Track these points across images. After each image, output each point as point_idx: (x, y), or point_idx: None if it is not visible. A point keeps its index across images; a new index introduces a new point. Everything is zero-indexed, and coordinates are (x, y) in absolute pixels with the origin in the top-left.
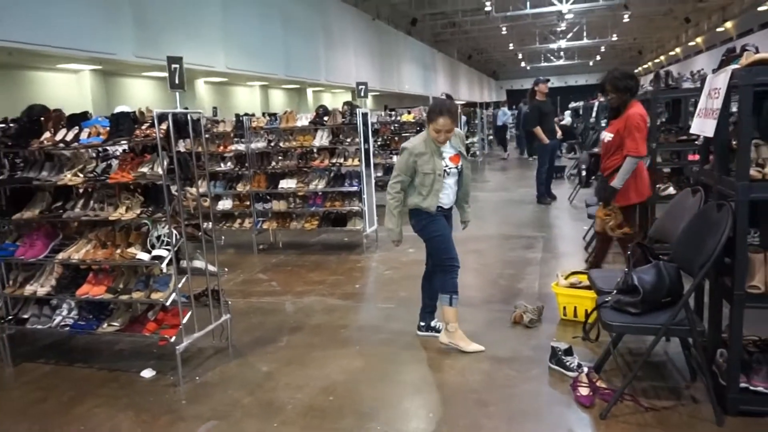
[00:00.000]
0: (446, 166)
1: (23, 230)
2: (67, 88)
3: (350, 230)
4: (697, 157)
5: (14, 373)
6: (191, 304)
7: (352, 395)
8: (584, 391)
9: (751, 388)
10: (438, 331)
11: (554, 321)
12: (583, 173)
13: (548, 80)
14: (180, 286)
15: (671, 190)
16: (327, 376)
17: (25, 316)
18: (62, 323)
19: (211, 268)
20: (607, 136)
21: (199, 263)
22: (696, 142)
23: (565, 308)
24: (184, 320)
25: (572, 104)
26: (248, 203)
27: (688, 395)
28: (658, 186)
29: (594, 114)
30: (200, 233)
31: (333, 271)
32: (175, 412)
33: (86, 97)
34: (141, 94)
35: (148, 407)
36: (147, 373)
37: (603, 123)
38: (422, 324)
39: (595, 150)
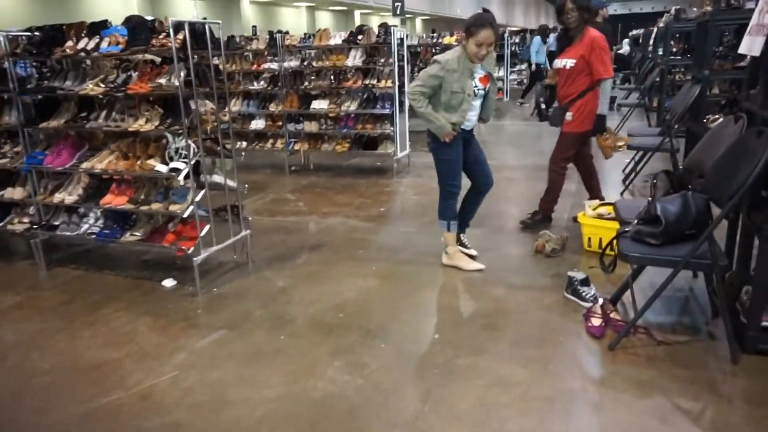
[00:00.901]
0: (475, 86)
1: (52, 140)
2: (115, 4)
3: (381, 154)
4: None
5: (47, 276)
6: (210, 218)
7: (361, 313)
8: (596, 321)
9: None
10: (465, 246)
11: (577, 252)
12: (542, 106)
13: (605, 4)
14: (198, 199)
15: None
16: (340, 293)
17: (56, 223)
18: (89, 231)
19: (230, 183)
20: (568, 62)
21: (218, 178)
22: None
23: (590, 239)
24: (202, 233)
25: (633, 32)
26: (280, 123)
27: (706, 332)
28: (707, 117)
29: (651, 41)
30: (219, 147)
31: (360, 194)
32: (189, 319)
33: (132, 12)
34: (185, 11)
35: (166, 314)
36: (168, 283)
37: (660, 51)
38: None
39: (546, 81)
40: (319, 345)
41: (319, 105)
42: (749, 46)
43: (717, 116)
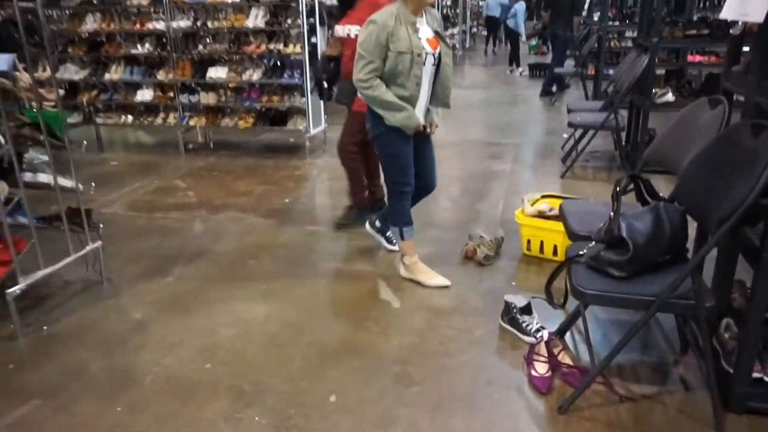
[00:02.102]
0: (423, 50)
1: None
2: None
3: (292, 131)
4: (698, 57)
5: None
6: (32, 232)
7: (236, 362)
8: (541, 368)
9: (767, 379)
10: (389, 241)
11: (515, 256)
12: (324, 84)
13: None
14: (10, 208)
15: (669, 97)
16: (213, 329)
17: None
18: None
19: (64, 182)
20: (352, 30)
21: (44, 177)
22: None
23: (529, 242)
24: (22, 254)
25: None
26: (172, 95)
27: (677, 376)
28: (654, 91)
29: (586, 6)
30: (43, 136)
31: (265, 180)
32: None
33: None
34: None
35: None
36: None
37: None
38: (377, 222)
39: (327, 52)
40: (167, 423)
41: (217, 73)
42: (739, 9)
43: (665, 90)
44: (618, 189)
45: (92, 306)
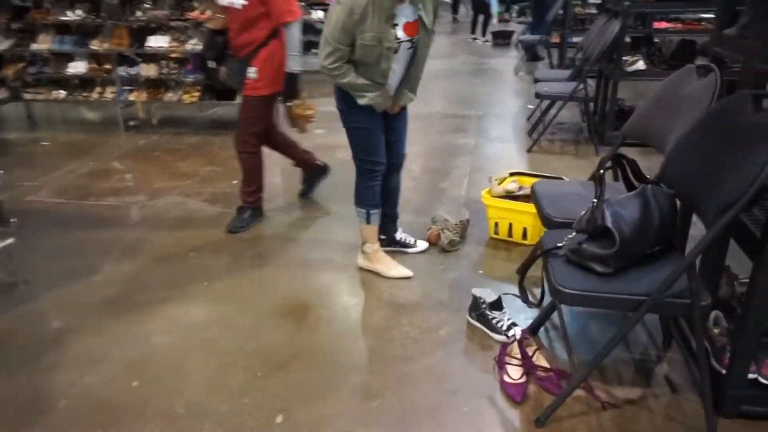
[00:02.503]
0: (397, 39)
1: None
2: None
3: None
4: (663, 24)
5: None
6: None
7: (169, 378)
8: (514, 373)
9: (762, 380)
10: (407, 245)
11: (482, 241)
12: (211, 63)
13: None
14: None
15: (640, 65)
16: (144, 338)
17: None
18: None
19: None
20: (236, 1)
21: None
22: None
23: (497, 225)
24: None
25: None
26: (109, 67)
27: (662, 375)
28: (624, 59)
29: None
30: None
31: (211, 159)
32: None
33: None
34: None
35: None
36: None
37: None
38: (381, 237)
39: (209, 25)
40: None
41: (158, 42)
42: None
43: (636, 58)
44: (602, 171)
45: (0, 314)
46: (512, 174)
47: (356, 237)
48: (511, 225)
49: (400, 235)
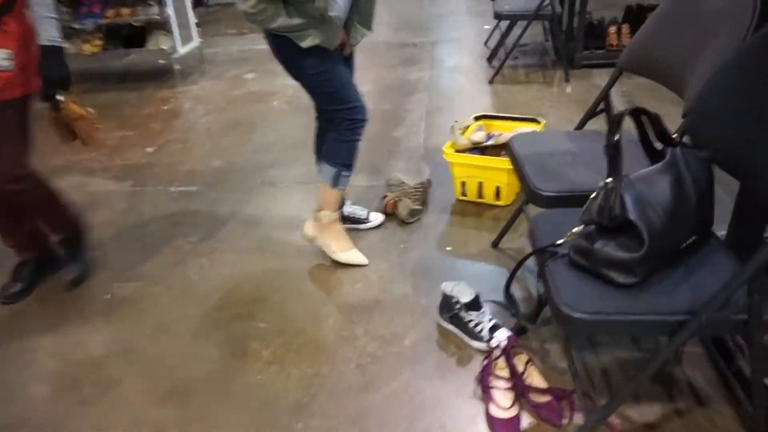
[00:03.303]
0: None
1: None
2: None
3: (154, 52)
4: None
5: None
6: None
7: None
8: (503, 400)
9: None
10: (359, 220)
11: (447, 205)
12: None
13: None
14: None
15: None
16: (20, 386)
17: None
18: None
19: None
20: None
21: None
22: None
23: (464, 184)
24: None
25: None
26: None
27: (684, 382)
28: None
29: None
30: None
31: (123, 121)
32: None
33: None
34: None
35: None
36: None
37: None
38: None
39: None
40: None
41: None
42: None
43: None
44: (616, 138)
45: None
46: (477, 118)
47: (293, 211)
48: (481, 184)
49: (348, 208)
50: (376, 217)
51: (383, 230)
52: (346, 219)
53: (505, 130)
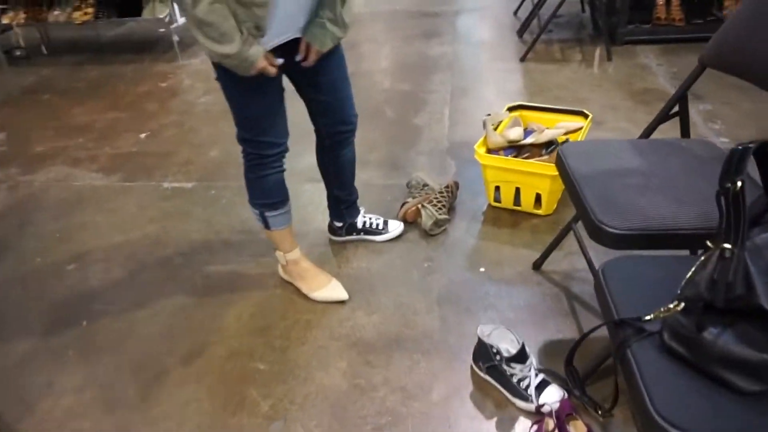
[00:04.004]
0: None
1: None
2: None
3: (151, 21)
4: None
5: None
6: None
7: None
8: None
9: None
10: (375, 231)
11: (477, 212)
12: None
13: None
14: None
15: None
16: None
17: None
18: None
19: None
20: None
21: None
22: None
23: (498, 189)
24: None
25: None
26: None
27: None
28: None
29: None
30: None
31: (115, 101)
32: None
33: None
34: None
35: None
36: None
37: None
38: (337, 224)
39: None
40: None
41: None
42: None
43: None
44: (739, 184)
45: None
46: (511, 109)
47: (299, 215)
48: (518, 190)
49: (363, 218)
50: (395, 227)
51: (403, 243)
52: (359, 230)
53: (545, 124)
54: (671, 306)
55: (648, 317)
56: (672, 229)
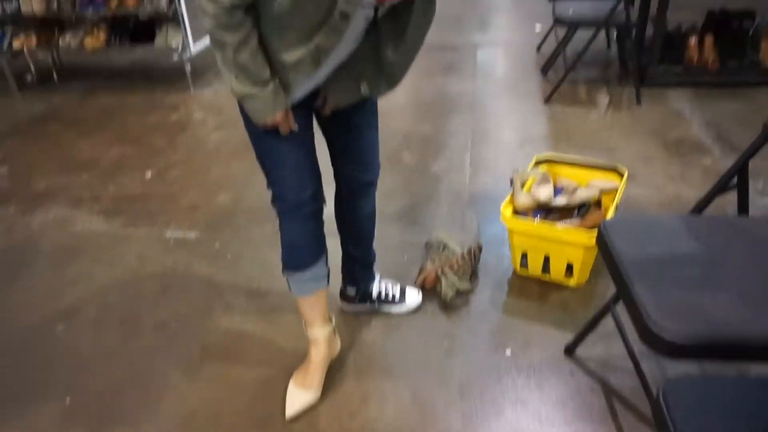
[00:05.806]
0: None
1: None
2: None
3: (163, 49)
4: None
5: None
6: None
7: None
8: None
9: None
10: (391, 301)
11: (502, 280)
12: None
13: None
14: None
15: None
16: None
17: None
18: None
19: None
20: None
21: None
22: None
23: (525, 256)
24: None
25: None
26: None
27: None
28: None
29: None
30: None
31: (122, 134)
32: None
33: None
34: None
35: None
36: None
37: None
38: (350, 291)
39: None
40: None
41: None
42: None
43: None
44: None
45: None
46: (539, 163)
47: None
48: (547, 258)
49: (378, 286)
50: (413, 299)
51: (421, 316)
52: (373, 300)
53: (576, 180)
54: None
55: None
56: (744, 337)
